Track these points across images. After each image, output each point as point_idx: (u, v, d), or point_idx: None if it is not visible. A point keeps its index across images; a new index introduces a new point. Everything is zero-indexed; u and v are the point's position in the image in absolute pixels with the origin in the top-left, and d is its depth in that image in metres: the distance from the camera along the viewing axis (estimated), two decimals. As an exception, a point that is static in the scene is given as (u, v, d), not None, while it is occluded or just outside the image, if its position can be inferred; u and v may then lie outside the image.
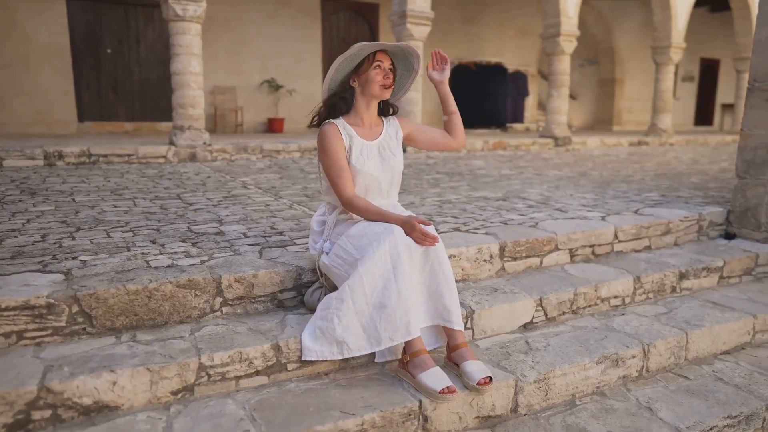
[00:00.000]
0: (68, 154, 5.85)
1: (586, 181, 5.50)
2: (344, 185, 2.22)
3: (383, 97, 2.28)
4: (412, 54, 2.33)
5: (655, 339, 2.50)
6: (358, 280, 2.02)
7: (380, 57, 2.24)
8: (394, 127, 2.42)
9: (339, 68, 2.27)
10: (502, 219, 3.42)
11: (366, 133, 2.33)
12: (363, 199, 2.24)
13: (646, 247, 3.43)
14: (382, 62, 2.24)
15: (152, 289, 2.14)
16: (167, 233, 2.94)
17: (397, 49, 2.30)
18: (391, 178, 2.37)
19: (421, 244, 2.08)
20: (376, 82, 2.23)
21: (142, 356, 1.92)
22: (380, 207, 2.23)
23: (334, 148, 2.24)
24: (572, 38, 9.57)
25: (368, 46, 2.22)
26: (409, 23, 7.75)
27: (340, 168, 2.24)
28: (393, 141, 2.39)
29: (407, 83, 2.45)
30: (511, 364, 2.23)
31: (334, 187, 2.25)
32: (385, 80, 2.24)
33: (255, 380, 2.03)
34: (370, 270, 2.02)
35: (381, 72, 2.23)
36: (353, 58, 2.25)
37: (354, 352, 2.04)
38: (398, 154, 2.38)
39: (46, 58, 8.79)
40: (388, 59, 2.27)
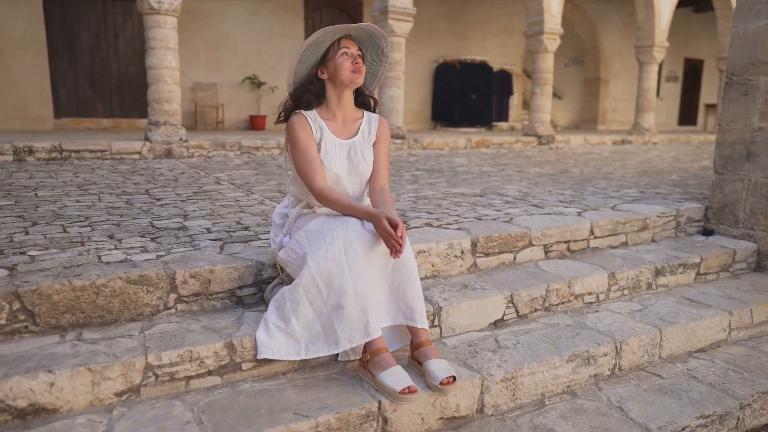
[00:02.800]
0: (39, 149, 5.69)
1: (566, 178, 5.44)
2: (315, 175, 2.10)
3: (355, 84, 2.15)
4: (378, 35, 2.20)
5: (628, 337, 2.43)
6: (310, 280, 1.93)
7: (346, 43, 2.14)
8: (369, 127, 2.27)
9: (303, 59, 2.17)
10: (477, 214, 3.34)
11: (339, 129, 2.21)
12: (334, 190, 2.12)
13: (622, 243, 3.37)
14: (348, 48, 2.13)
15: (100, 285, 2.03)
16: (127, 228, 2.83)
17: (361, 33, 2.18)
18: (359, 184, 2.24)
19: (387, 242, 1.95)
20: (345, 68, 2.11)
21: (84, 355, 1.82)
22: (351, 200, 2.12)
23: (304, 137, 2.12)
24: (556, 36, 9.54)
25: (330, 30, 2.11)
26: (390, 19, 7.67)
27: (310, 158, 2.12)
28: (365, 144, 2.24)
29: (380, 69, 2.32)
30: (478, 362, 2.14)
31: (305, 178, 2.13)
32: (355, 65, 2.12)
33: (207, 381, 1.93)
34: (323, 267, 1.92)
35: (349, 57, 2.12)
36: (317, 46, 2.15)
37: (312, 353, 1.95)
38: (368, 159, 2.22)
39: (20, 53, 8.58)
40: (355, 45, 2.16)
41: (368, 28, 2.16)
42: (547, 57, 9.59)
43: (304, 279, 1.94)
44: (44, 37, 8.75)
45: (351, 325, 1.90)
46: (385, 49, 2.25)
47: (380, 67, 2.32)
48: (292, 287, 1.97)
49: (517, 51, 13.86)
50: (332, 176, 2.17)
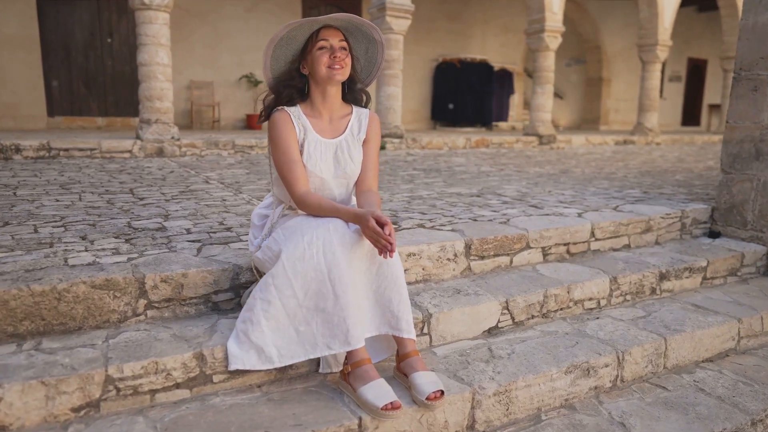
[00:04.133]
0: (26, 147, 5.55)
1: (566, 178, 5.29)
2: (296, 180, 1.94)
3: (334, 80, 1.96)
4: (362, 23, 1.99)
5: (631, 346, 2.27)
6: (284, 281, 1.77)
7: (324, 34, 1.94)
8: (359, 124, 2.10)
9: (278, 55, 2.00)
10: (473, 215, 3.19)
11: (324, 128, 2.04)
12: (316, 195, 1.95)
13: (625, 245, 3.22)
14: (327, 40, 1.94)
15: (62, 290, 1.88)
16: (102, 229, 2.68)
17: (340, 23, 1.97)
18: (346, 186, 2.07)
19: (375, 246, 1.79)
20: (322, 63, 1.94)
21: (40, 367, 1.67)
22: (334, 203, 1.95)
23: (285, 138, 1.96)
24: (557, 34, 9.38)
25: (297, 24, 1.91)
26: (388, 16, 7.52)
27: (291, 161, 1.95)
28: (355, 143, 2.07)
29: (377, 58, 2.11)
30: (469, 374, 1.99)
31: (285, 182, 1.97)
32: (332, 60, 1.93)
33: (175, 394, 1.79)
34: (299, 269, 1.76)
35: (327, 51, 1.93)
36: (290, 41, 1.98)
37: (286, 359, 1.79)
38: (357, 159, 2.06)
39: (13, 51, 8.45)
40: (337, 36, 1.96)
41: (345, 18, 1.94)
42: (548, 55, 9.44)
43: (278, 279, 1.78)
44: (37, 34, 8.62)
45: (331, 331, 1.75)
46: (376, 36, 2.05)
47: (377, 55, 2.11)
48: (263, 286, 1.81)
49: (518, 50, 13.70)
50: (317, 180, 2.01)
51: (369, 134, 2.10)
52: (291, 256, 1.79)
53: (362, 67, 2.14)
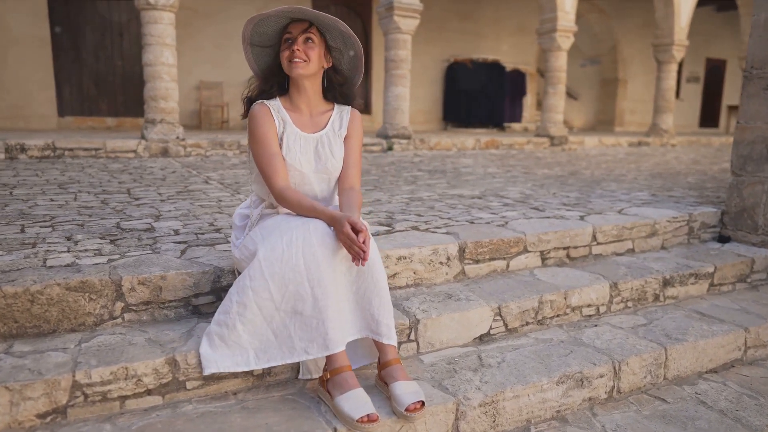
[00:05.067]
0: (31, 147, 5.57)
1: (574, 180, 5.17)
2: (275, 174, 1.89)
3: (294, 73, 1.89)
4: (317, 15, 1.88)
5: (629, 355, 2.17)
6: (261, 282, 1.70)
7: (291, 27, 1.91)
8: (341, 120, 2.04)
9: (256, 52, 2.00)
10: (471, 217, 3.10)
11: (304, 123, 1.99)
12: (296, 191, 1.90)
13: (628, 250, 3.11)
14: (291, 32, 1.90)
15: (35, 292, 1.84)
16: (90, 229, 2.64)
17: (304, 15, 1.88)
18: (327, 182, 2.01)
19: (348, 252, 1.72)
20: (284, 57, 1.90)
21: (6, 371, 1.62)
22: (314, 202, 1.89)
23: (264, 131, 1.91)
24: (569, 34, 9.24)
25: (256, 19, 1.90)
26: (396, 15, 7.45)
27: (270, 155, 1.90)
28: (336, 138, 2.01)
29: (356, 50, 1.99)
30: (455, 383, 1.91)
31: (264, 176, 1.92)
32: (291, 52, 1.87)
33: (146, 401, 1.73)
34: (276, 270, 1.70)
35: (288, 45, 1.90)
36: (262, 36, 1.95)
37: (263, 362, 1.72)
38: (338, 154, 2.00)
39: (25, 51, 8.52)
40: (300, 28, 1.88)
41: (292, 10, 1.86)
42: (561, 55, 9.29)
43: (255, 281, 1.71)
44: (48, 35, 8.69)
45: (308, 335, 1.69)
46: (342, 27, 1.92)
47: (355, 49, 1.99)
48: (240, 288, 1.74)
49: (532, 50, 13.54)
50: (296, 174, 1.96)
51: (350, 130, 2.04)
52: (269, 256, 1.72)
53: (350, 64, 2.06)
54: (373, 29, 11.15)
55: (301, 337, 1.68)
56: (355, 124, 2.07)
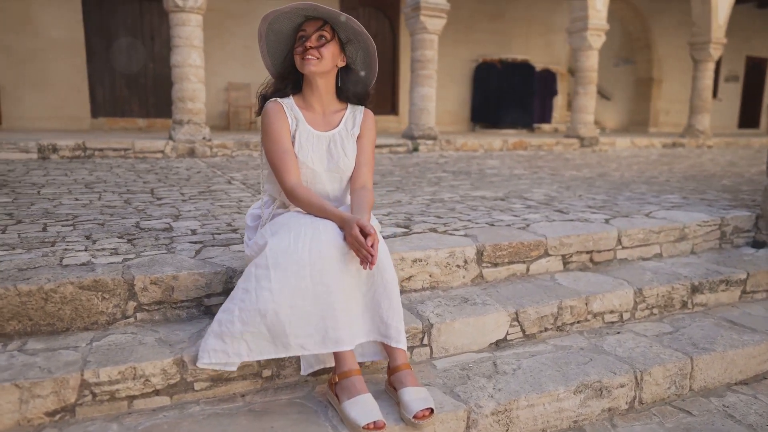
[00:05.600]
0: (63, 147, 5.71)
1: (603, 182, 5.04)
2: (287, 171, 1.88)
3: (306, 70, 1.87)
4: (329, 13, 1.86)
5: (652, 365, 2.09)
6: (264, 271, 1.67)
7: (305, 25, 1.90)
8: (354, 119, 2.02)
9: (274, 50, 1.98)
10: (491, 220, 3.04)
11: (317, 121, 1.98)
12: (307, 189, 1.89)
13: (656, 254, 3.00)
14: (305, 30, 1.88)
15: (49, 291, 1.85)
16: (110, 228, 2.67)
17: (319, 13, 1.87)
18: (339, 181, 2.00)
19: (356, 255, 1.69)
20: (297, 54, 1.89)
21: (17, 369, 1.64)
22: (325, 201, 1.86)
23: (277, 128, 1.90)
24: (601, 32, 9.03)
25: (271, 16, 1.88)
26: (422, 15, 7.39)
27: (283, 151, 1.89)
28: (348, 137, 2.00)
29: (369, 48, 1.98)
30: (467, 390, 1.86)
31: (276, 173, 1.91)
32: (303, 50, 1.86)
33: (154, 401, 1.72)
34: (281, 260, 1.67)
35: (301, 43, 1.88)
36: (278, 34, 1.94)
37: (254, 354, 1.68)
38: (350, 153, 1.98)
39: (60, 54, 8.75)
40: (314, 26, 1.87)
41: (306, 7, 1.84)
42: (592, 55, 9.10)
43: (259, 269, 1.69)
44: (83, 38, 8.90)
45: (305, 330, 1.65)
46: (355, 26, 1.90)
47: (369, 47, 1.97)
48: (245, 275, 1.72)
49: (563, 50, 13.31)
50: (308, 172, 1.94)
51: (363, 130, 2.02)
52: (275, 247, 1.70)
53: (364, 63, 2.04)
54: (401, 30, 11.11)
55: (297, 333, 1.65)
56: (368, 123, 2.04)
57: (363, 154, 2.02)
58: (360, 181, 1.99)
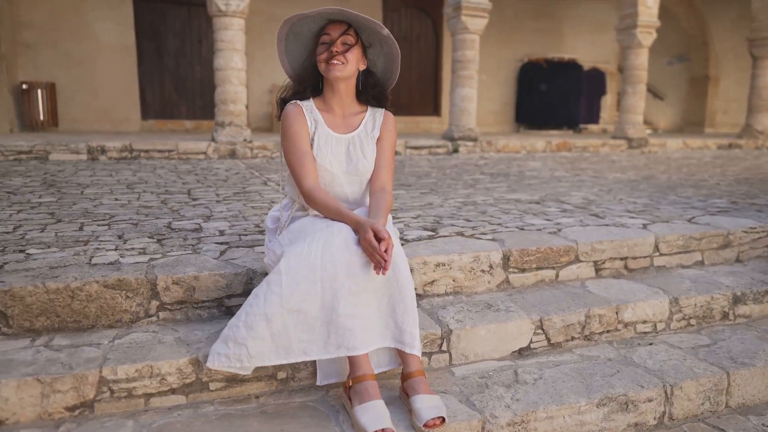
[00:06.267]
0: (111, 149, 5.93)
1: (647, 185, 4.85)
2: (305, 173, 1.88)
3: (331, 75, 1.87)
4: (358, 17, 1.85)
5: (683, 379, 1.98)
6: (275, 276, 1.67)
7: (329, 29, 1.88)
8: (374, 122, 2.01)
9: (292, 50, 1.98)
10: (522, 224, 2.96)
11: (337, 123, 1.98)
12: (325, 192, 1.89)
13: (697, 262, 2.86)
14: (329, 34, 1.87)
15: (75, 289, 1.91)
16: (142, 228, 2.75)
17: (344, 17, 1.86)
18: (358, 183, 1.99)
19: (370, 259, 1.68)
20: (321, 59, 1.88)
21: (40, 364, 1.70)
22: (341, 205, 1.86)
23: (296, 130, 1.91)
24: (651, 30, 8.72)
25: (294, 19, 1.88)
26: (464, 15, 7.31)
27: (301, 153, 1.90)
28: (368, 139, 1.99)
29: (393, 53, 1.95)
30: (484, 399, 1.81)
31: (294, 175, 1.92)
32: (329, 54, 1.85)
33: (170, 399, 1.75)
34: (292, 264, 1.67)
35: (326, 46, 1.87)
36: (298, 36, 1.94)
37: (255, 360, 1.68)
38: (369, 156, 1.97)
39: (112, 58, 9.11)
40: (339, 30, 1.86)
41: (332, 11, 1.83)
42: (641, 53, 8.79)
43: (273, 275, 1.69)
44: (134, 43, 9.24)
45: (309, 335, 1.65)
46: (380, 30, 1.89)
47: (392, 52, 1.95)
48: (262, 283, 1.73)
49: (612, 48, 12.91)
50: (327, 175, 1.94)
51: (383, 132, 2.00)
52: (290, 253, 1.71)
53: (384, 66, 2.03)
54: (444, 30, 11.02)
55: (300, 338, 1.64)
56: (388, 125, 2.03)
57: (382, 156, 2.00)
58: (379, 183, 1.97)
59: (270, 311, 1.63)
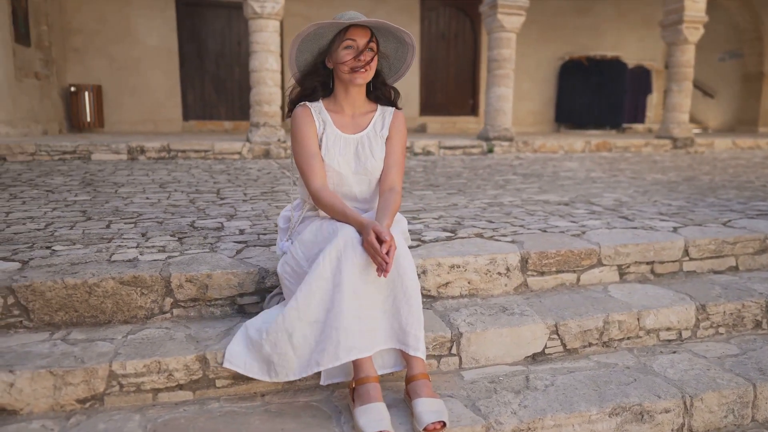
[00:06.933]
0: (149, 149, 6.11)
1: (686, 186, 4.67)
2: (313, 174, 1.90)
3: (355, 82, 1.90)
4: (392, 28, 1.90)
5: (705, 390, 1.89)
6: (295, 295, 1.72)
7: (352, 33, 1.86)
8: (383, 121, 2.01)
9: (304, 48, 1.97)
10: (546, 226, 2.89)
11: (346, 124, 1.98)
12: (332, 193, 1.90)
13: (731, 267, 2.73)
14: (355, 40, 1.86)
15: (92, 285, 1.97)
16: (166, 227, 2.81)
17: (371, 25, 1.88)
18: (367, 183, 1.99)
19: (372, 258, 1.68)
20: (346, 63, 1.87)
21: (55, 357, 1.76)
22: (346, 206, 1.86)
23: (304, 132, 1.93)
24: (698, 25, 8.38)
25: (326, 25, 1.86)
26: (500, 13, 7.20)
27: (309, 155, 1.92)
28: (377, 139, 1.99)
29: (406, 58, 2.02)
30: (490, 405, 1.77)
31: (303, 176, 1.95)
32: (356, 62, 1.86)
33: (177, 395, 1.79)
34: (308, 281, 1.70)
35: (352, 52, 1.86)
36: (317, 36, 1.93)
37: (281, 376, 1.72)
38: (378, 155, 1.97)
39: (155, 61, 9.40)
40: (366, 36, 1.87)
41: (374, 23, 1.86)
42: (687, 49, 8.46)
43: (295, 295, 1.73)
44: (176, 46, 9.50)
45: (321, 345, 1.67)
46: (407, 39, 1.96)
47: (406, 56, 2.02)
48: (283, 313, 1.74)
49: (659, 45, 12.46)
50: (335, 175, 1.95)
51: (392, 131, 2.00)
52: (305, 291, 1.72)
53: (391, 65, 2.03)
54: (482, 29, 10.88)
55: (314, 348, 1.65)
56: (398, 125, 2.01)
57: (392, 155, 1.99)
58: (388, 183, 1.96)
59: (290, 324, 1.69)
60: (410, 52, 2.01)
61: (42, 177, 4.62)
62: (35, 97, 7.73)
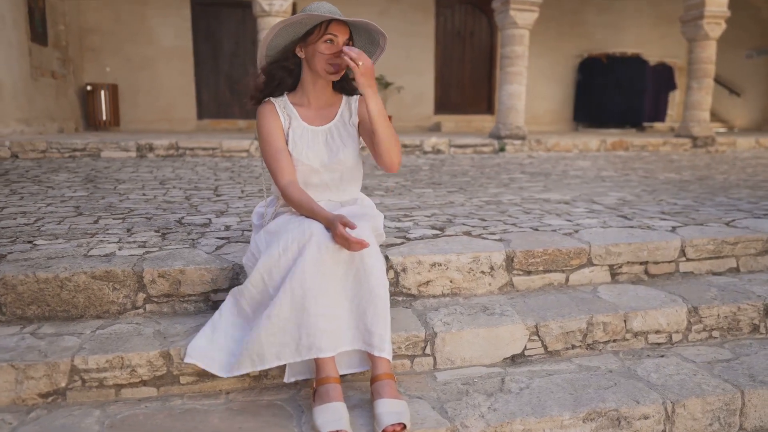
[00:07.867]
0: (158, 146, 6.15)
1: (698, 186, 4.52)
2: (280, 171, 1.89)
3: (331, 77, 1.90)
4: (374, 30, 1.92)
5: (688, 396, 1.80)
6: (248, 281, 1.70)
7: (334, 29, 1.84)
8: (350, 110, 2.01)
9: (280, 33, 1.93)
10: (539, 224, 2.81)
11: (312, 116, 1.97)
12: (300, 189, 1.88)
13: (731, 269, 2.61)
14: (336, 36, 1.84)
15: (63, 279, 1.97)
16: (153, 222, 2.81)
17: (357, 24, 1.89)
18: (340, 173, 1.98)
19: (347, 249, 1.66)
20: (323, 59, 1.85)
21: (20, 351, 1.75)
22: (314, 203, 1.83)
23: (269, 129, 1.92)
24: (720, 20, 8.15)
25: (318, 17, 1.83)
26: (512, 9, 7.09)
27: (275, 150, 1.91)
28: (346, 128, 1.99)
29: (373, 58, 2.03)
30: (458, 407, 1.71)
31: (271, 173, 1.94)
32: (334, 58, 1.84)
33: (141, 391, 1.77)
34: (264, 271, 1.68)
35: (332, 47, 1.84)
36: (300, 25, 1.89)
37: (234, 370, 1.68)
38: (350, 144, 1.97)
39: (170, 60, 9.48)
40: (345, 33, 1.87)
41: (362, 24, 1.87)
42: (708, 45, 8.23)
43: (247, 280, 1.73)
44: (191, 46, 9.58)
45: (282, 339, 1.62)
46: (381, 43, 1.97)
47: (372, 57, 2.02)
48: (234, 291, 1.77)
49: (681, 41, 12.11)
50: (304, 169, 1.94)
51: (362, 115, 1.97)
52: (266, 263, 1.71)
53: None
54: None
55: (272, 342, 1.61)
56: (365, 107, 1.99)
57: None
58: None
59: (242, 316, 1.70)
60: (377, 53, 2.02)
61: (48, 174, 4.68)
62: (51, 96, 7.86)
